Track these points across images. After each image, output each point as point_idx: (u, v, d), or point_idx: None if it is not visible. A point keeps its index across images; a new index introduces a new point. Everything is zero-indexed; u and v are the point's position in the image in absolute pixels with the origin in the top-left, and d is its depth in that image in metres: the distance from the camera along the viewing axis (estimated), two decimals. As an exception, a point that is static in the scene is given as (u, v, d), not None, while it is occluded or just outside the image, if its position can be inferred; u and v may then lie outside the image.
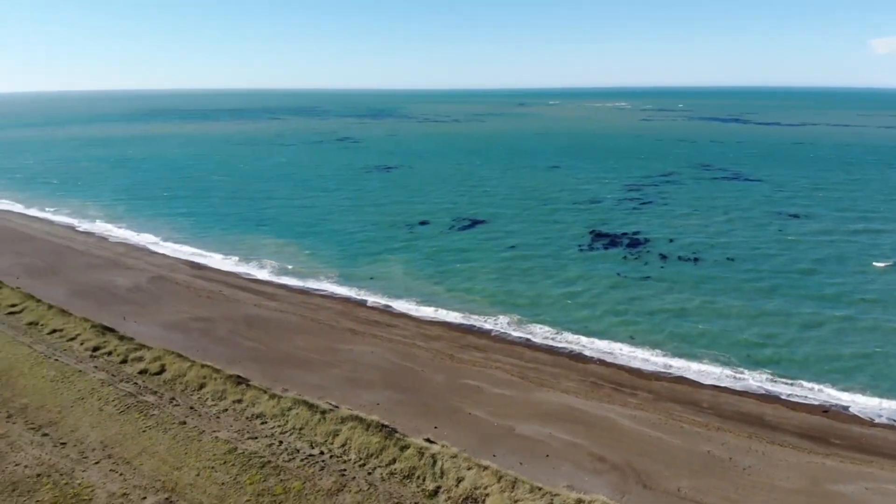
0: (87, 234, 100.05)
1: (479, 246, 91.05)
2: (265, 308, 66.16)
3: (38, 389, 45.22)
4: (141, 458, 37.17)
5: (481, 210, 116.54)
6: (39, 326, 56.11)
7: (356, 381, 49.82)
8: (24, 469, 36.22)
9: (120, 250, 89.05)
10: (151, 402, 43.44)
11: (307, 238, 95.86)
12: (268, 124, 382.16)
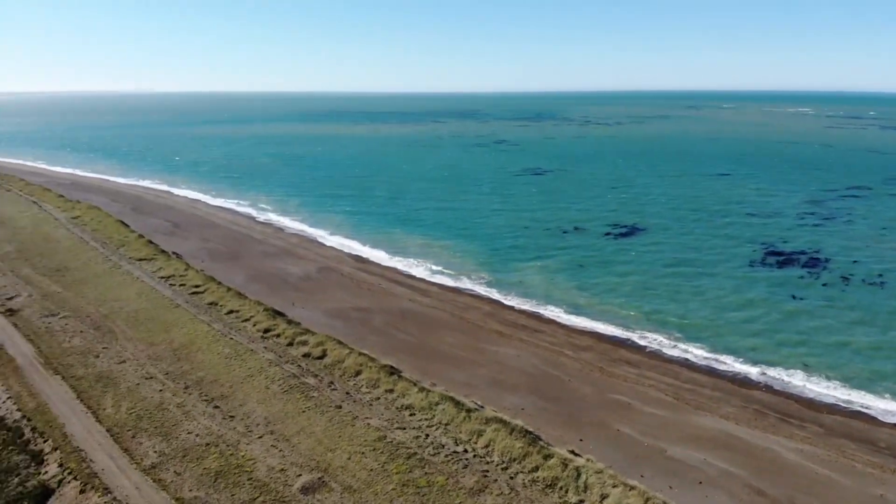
0: (265, 224, 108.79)
1: (638, 257, 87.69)
2: (418, 303, 68.20)
3: (214, 365, 49.78)
4: (299, 437, 39.71)
5: (641, 218, 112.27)
6: (218, 307, 61.77)
7: (501, 383, 49.92)
8: (196, 437, 39.99)
9: (293, 241, 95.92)
10: (312, 384, 46.28)
11: (460, 239, 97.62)
12: (429, 127, 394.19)
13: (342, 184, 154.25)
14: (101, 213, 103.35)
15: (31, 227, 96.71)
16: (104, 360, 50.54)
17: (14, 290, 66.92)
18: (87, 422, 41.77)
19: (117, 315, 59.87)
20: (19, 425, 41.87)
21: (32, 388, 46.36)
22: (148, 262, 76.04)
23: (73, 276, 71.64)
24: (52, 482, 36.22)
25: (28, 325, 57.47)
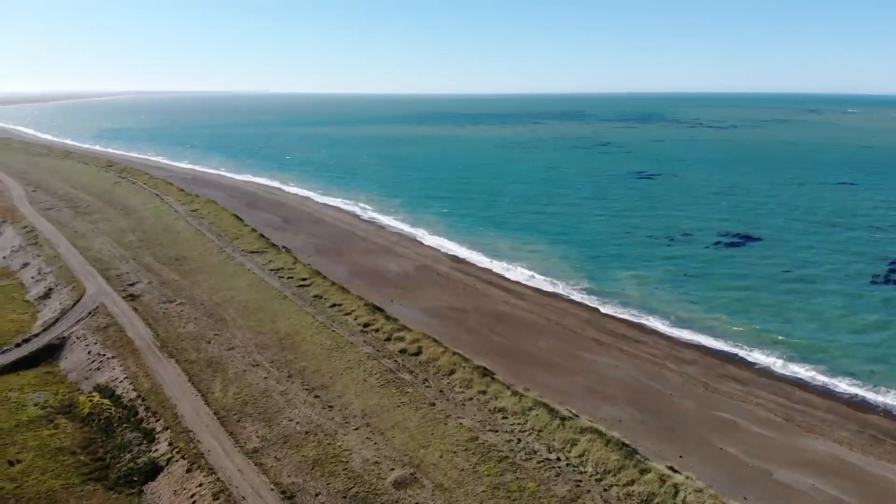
0: (368, 222, 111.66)
1: (749, 269, 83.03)
2: (514, 306, 67.77)
3: (316, 355, 51.47)
4: (393, 432, 40.35)
5: (755, 228, 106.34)
6: (323, 300, 63.85)
7: (598, 392, 48.69)
8: (296, 425, 41.44)
9: (394, 239, 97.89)
10: (407, 380, 46.93)
11: (558, 244, 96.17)
12: (529, 128, 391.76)
13: (441, 185, 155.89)
14: (218, 208, 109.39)
15: (153, 218, 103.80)
16: (215, 346, 53.41)
17: (136, 276, 71.97)
18: (197, 404, 44.25)
19: (229, 304, 63.14)
20: (134, 404, 44.95)
21: (148, 369, 49.65)
22: (259, 255, 79.74)
23: (190, 266, 76.23)
24: (162, 460, 38.61)
25: (147, 310, 61.64)
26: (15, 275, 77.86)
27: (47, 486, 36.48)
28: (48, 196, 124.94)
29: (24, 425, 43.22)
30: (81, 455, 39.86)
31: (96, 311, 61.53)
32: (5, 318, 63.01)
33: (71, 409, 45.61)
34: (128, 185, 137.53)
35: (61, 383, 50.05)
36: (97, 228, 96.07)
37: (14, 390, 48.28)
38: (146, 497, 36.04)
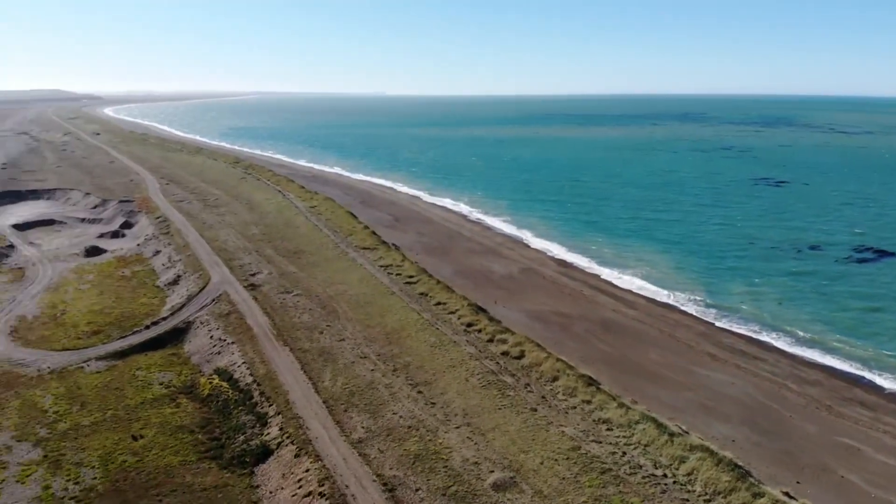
0: (474, 222, 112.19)
1: (883, 289, 76.07)
2: (623, 315, 65.82)
3: (420, 352, 52.22)
4: (494, 434, 40.22)
5: (892, 244, 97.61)
6: (428, 297, 64.74)
7: (711, 409, 46.37)
8: (399, 419, 42.17)
9: (499, 240, 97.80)
10: (509, 383, 46.67)
11: (673, 252, 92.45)
12: (644, 130, 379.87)
13: (549, 187, 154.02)
14: (334, 205, 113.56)
15: (275, 212, 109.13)
16: (327, 337, 55.40)
17: (257, 267, 75.88)
18: (308, 392, 46.03)
19: (341, 297, 65.34)
20: (250, 388, 47.35)
21: (265, 356, 52.18)
22: (370, 251, 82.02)
23: (307, 259, 79.54)
24: (272, 443, 40.43)
25: (266, 300, 64.84)
26: (148, 261, 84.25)
27: (166, 462, 39.12)
28: (180, 189, 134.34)
29: (149, 403, 46.60)
30: (199, 434, 42.46)
31: (220, 299, 65.44)
32: (137, 301, 68.32)
33: (192, 389, 48.72)
34: (253, 180, 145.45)
35: (185, 365, 53.60)
36: (223, 221, 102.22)
37: (142, 369, 52.20)
38: (256, 478, 37.88)
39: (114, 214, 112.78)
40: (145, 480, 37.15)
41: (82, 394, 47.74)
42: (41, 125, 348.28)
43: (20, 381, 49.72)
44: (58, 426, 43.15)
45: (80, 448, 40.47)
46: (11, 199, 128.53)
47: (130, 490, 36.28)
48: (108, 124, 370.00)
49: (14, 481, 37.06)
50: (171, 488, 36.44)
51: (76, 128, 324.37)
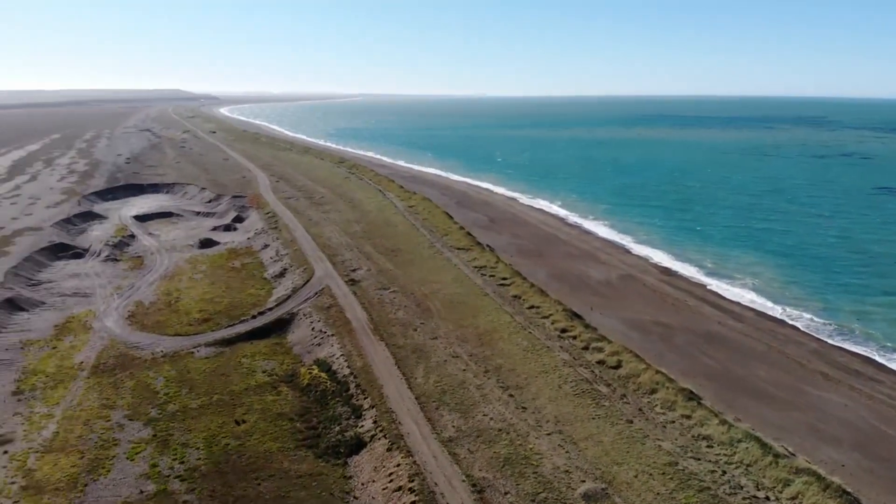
0: (572, 226, 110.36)
1: None
2: (728, 327, 62.74)
3: (512, 355, 51.82)
4: (587, 443, 39.30)
5: None
6: (521, 300, 64.19)
7: (820, 432, 43.36)
8: (490, 421, 41.98)
9: (597, 245, 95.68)
10: (604, 392, 45.49)
11: (787, 264, 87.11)
12: (758, 134, 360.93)
13: (654, 191, 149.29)
14: (431, 205, 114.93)
15: (375, 211, 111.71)
16: (420, 335, 56.07)
17: (357, 263, 77.86)
18: (401, 387, 46.71)
19: (435, 296, 65.96)
20: (347, 380, 48.58)
21: (362, 349, 53.43)
22: (465, 252, 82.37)
23: (403, 257, 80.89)
24: (366, 436, 41.28)
25: (365, 295, 66.40)
26: (257, 254, 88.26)
27: (266, 447, 40.72)
28: (289, 186, 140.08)
29: (253, 389, 48.72)
30: (298, 422, 43.97)
31: (322, 292, 67.63)
32: (246, 291, 71.68)
33: (293, 378, 50.54)
34: (356, 180, 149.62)
35: (287, 354, 55.71)
36: (328, 218, 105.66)
37: (247, 357, 54.68)
38: (349, 469, 38.78)
39: (227, 209, 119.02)
40: (245, 464, 38.85)
41: (191, 378, 50.58)
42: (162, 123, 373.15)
43: (135, 363, 53.30)
44: (167, 407, 45.89)
45: (187, 429, 42.85)
46: (134, 192, 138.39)
47: (231, 472, 38.03)
48: (224, 123, 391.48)
49: (124, 458, 39.68)
50: (269, 473, 37.92)
51: (194, 126, 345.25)
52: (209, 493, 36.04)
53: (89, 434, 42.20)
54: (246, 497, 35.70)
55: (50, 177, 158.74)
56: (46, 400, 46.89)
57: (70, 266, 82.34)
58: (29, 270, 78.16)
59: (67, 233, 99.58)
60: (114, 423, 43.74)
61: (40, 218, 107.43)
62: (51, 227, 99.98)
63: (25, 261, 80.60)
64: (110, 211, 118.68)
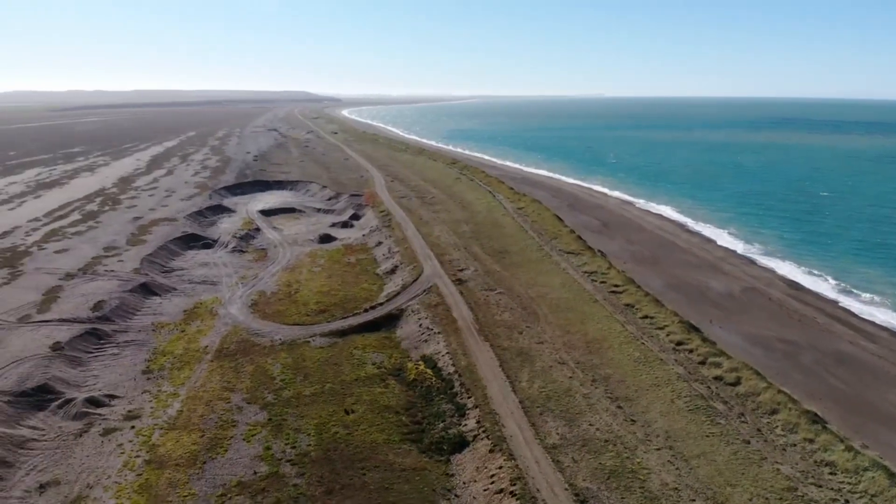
0: (692, 233, 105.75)
1: None
2: (861, 348, 57.89)
3: (622, 365, 50.28)
4: (698, 461, 37.51)
5: None
6: (634, 309, 62.17)
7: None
8: (596, 431, 40.92)
9: (719, 255, 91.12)
10: (720, 410, 43.23)
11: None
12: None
13: (780, 199, 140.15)
14: (541, 207, 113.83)
15: (484, 212, 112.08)
16: (526, 338, 55.62)
17: (465, 263, 78.38)
18: (505, 389, 46.53)
19: (542, 299, 65.23)
20: (451, 378, 48.96)
21: (467, 348, 53.71)
22: (575, 256, 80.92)
23: (511, 259, 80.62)
24: (469, 435, 41.41)
25: (471, 295, 66.74)
26: (370, 251, 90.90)
27: (372, 438, 41.76)
28: (402, 186, 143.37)
29: (362, 381, 50.14)
30: (403, 416, 44.81)
31: (430, 290, 68.66)
32: (359, 286, 73.96)
33: (400, 372, 51.58)
34: (467, 181, 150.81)
35: (395, 349, 56.95)
36: (438, 218, 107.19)
37: (358, 349, 56.36)
38: (452, 466, 39.05)
39: (345, 206, 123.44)
40: (352, 453, 40.03)
41: (306, 366, 52.79)
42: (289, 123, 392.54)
43: (255, 349, 56.29)
44: (282, 393, 48.11)
45: (300, 416, 44.72)
46: (261, 188, 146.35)
47: (339, 460, 39.31)
48: (345, 124, 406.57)
49: (241, 439, 41.95)
50: (374, 464, 38.88)
51: (317, 126, 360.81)
52: (317, 478, 37.42)
53: (210, 414, 44.99)
54: (351, 486, 36.78)
55: (185, 171, 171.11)
56: (173, 380, 50.47)
57: (200, 255, 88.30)
58: (163, 258, 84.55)
59: (199, 224, 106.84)
60: (233, 405, 46.39)
61: (175, 210, 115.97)
62: (184, 219, 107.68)
63: (160, 249, 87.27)
64: (238, 205, 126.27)
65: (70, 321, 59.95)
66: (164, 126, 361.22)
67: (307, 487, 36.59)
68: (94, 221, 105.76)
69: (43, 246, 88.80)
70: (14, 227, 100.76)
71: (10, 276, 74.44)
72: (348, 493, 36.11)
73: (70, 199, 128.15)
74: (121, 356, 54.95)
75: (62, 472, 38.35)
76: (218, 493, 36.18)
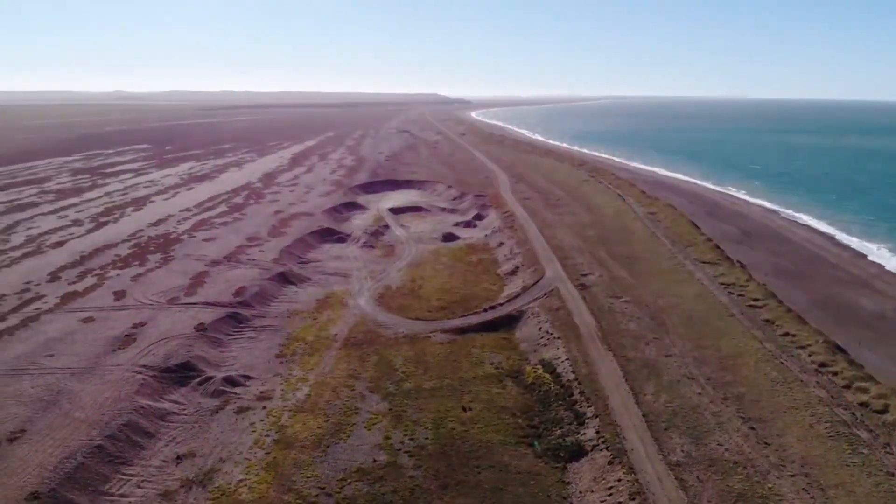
0: (842, 247, 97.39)
1: None
2: None
3: (757, 384, 47.05)
4: (836, 492, 34.50)
5: None
6: (774, 326, 57.99)
7: None
8: (725, 451, 38.57)
9: (873, 271, 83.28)
10: (863, 438, 39.47)
11: None
12: None
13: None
14: (676, 213, 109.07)
15: (612, 216, 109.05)
16: (652, 349, 53.47)
17: (589, 268, 76.62)
18: (628, 401, 44.98)
19: (672, 310, 62.43)
20: (571, 385, 48.02)
21: (588, 356, 52.46)
22: (711, 266, 76.74)
23: (639, 266, 77.83)
24: (587, 444, 40.42)
25: (594, 301, 65.12)
26: (492, 251, 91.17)
27: (488, 438, 41.76)
28: (527, 187, 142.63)
29: (480, 379, 50.32)
30: (520, 418, 44.49)
31: (551, 294, 67.78)
32: (480, 285, 74.37)
33: (518, 374, 51.28)
34: (594, 183, 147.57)
35: (514, 350, 56.71)
36: (562, 220, 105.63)
37: (477, 347, 56.65)
38: (568, 474, 38.29)
39: (469, 206, 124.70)
40: (468, 450, 40.26)
41: (426, 360, 53.77)
42: (419, 125, 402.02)
43: (380, 341, 58.06)
44: (403, 385, 49.28)
45: (419, 408, 45.60)
46: (391, 187, 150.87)
47: (455, 456, 39.67)
48: (473, 126, 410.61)
49: (363, 427, 43.37)
50: (489, 463, 38.89)
51: (447, 128, 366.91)
52: (433, 472, 37.97)
53: (335, 400, 46.90)
54: (466, 482, 36.99)
55: (323, 169, 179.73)
56: (303, 365, 53.10)
57: (334, 249, 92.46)
58: (300, 250, 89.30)
59: (334, 219, 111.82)
60: (357, 392, 48.11)
61: (313, 205, 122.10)
62: (321, 214, 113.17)
63: (298, 241, 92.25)
64: (370, 202, 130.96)
65: (214, 305, 64.68)
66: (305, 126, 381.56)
67: (423, 480, 37.23)
68: (240, 213, 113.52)
69: (193, 234, 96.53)
70: (168, 216, 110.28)
71: (163, 260, 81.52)
72: (463, 490, 36.35)
73: (219, 191, 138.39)
74: (257, 340, 58.61)
75: (198, 445, 41.41)
76: (339, 477, 37.63)
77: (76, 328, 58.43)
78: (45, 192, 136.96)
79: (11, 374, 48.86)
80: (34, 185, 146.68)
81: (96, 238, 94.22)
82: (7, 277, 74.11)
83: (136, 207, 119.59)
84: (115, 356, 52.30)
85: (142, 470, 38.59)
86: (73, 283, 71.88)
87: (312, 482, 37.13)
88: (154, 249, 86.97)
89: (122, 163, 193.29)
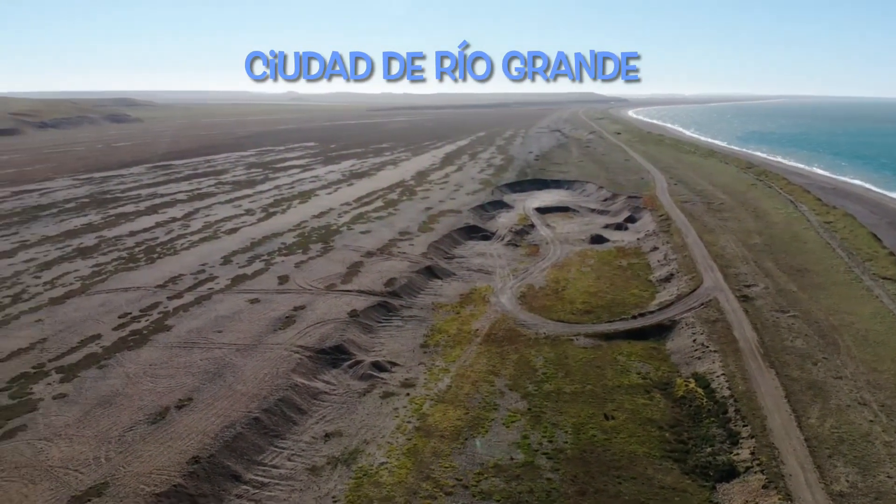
0: None
1: None
2: None
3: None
4: None
5: None
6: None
7: None
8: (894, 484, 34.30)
9: None
10: None
11: None
12: None
13: None
14: (854, 223, 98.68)
15: (782, 224, 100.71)
16: (821, 370, 48.77)
17: (753, 279, 71.28)
18: (789, 424, 41.35)
19: (846, 329, 56.55)
20: (725, 402, 44.88)
21: (746, 373, 48.79)
22: (893, 283, 68.68)
23: (810, 279, 71.29)
24: (740, 466, 37.58)
25: (757, 315, 60.46)
26: (644, 255, 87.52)
27: (631, 449, 40.05)
28: (686, 190, 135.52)
29: (624, 388, 48.41)
30: (667, 432, 42.28)
31: (708, 304, 63.85)
32: (628, 291, 71.64)
33: (667, 387, 48.78)
34: (763, 188, 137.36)
35: (664, 361, 54.02)
36: (725, 226, 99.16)
37: (623, 355, 54.58)
38: (717, 495, 35.81)
39: (621, 208, 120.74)
40: (609, 460, 38.89)
41: (568, 363, 52.67)
42: (572, 124, 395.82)
43: (520, 339, 57.70)
44: (543, 386, 48.59)
45: (559, 411, 44.75)
46: (538, 186, 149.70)
47: (595, 463, 38.48)
48: (629, 125, 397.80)
49: (501, 423, 43.28)
50: (631, 475, 37.32)
51: (601, 127, 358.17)
52: (571, 477, 37.09)
53: (475, 394, 47.26)
54: (605, 492, 35.76)
55: (472, 168, 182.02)
56: (445, 356, 54.04)
57: (478, 246, 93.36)
58: (447, 245, 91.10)
59: (480, 217, 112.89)
60: (496, 388, 48.16)
61: (461, 202, 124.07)
62: (468, 211, 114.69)
63: (445, 237, 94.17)
64: (516, 201, 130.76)
65: (366, 293, 67.65)
66: (458, 126, 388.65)
67: (560, 484, 36.48)
68: (394, 209, 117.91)
69: (351, 227, 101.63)
70: (329, 209, 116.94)
71: (324, 250, 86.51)
72: (602, 499, 35.18)
73: (375, 188, 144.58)
74: (404, 329, 60.64)
75: (345, 425, 43.44)
76: (476, 470, 37.84)
77: (243, 308, 63.49)
78: (222, 184, 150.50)
79: (184, 346, 54.02)
80: (213, 177, 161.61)
81: (265, 227, 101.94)
82: (185, 259, 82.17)
83: (302, 200, 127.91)
84: (276, 335, 56.21)
85: (293, 444, 41.11)
86: (243, 267, 78.19)
87: (450, 473, 37.63)
88: (316, 239, 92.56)
89: (290, 159, 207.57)
